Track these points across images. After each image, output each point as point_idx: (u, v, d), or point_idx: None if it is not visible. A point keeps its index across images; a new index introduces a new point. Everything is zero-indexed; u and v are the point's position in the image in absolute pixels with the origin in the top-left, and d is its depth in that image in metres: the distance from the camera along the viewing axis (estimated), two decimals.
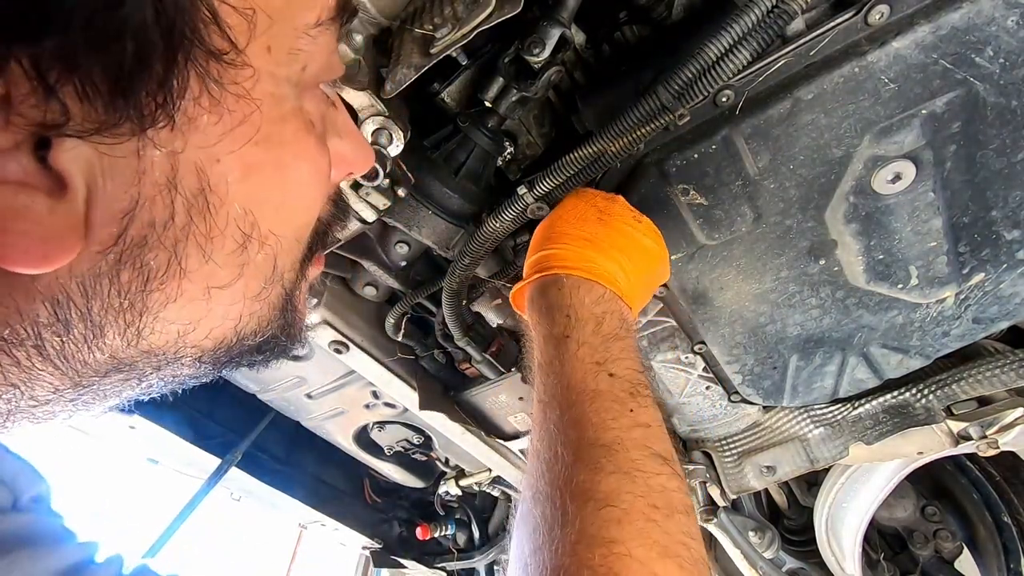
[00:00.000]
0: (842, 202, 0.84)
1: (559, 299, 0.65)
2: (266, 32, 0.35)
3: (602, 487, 0.51)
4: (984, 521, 1.57)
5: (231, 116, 0.34)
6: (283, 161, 0.38)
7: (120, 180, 0.31)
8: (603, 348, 0.61)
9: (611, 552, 0.47)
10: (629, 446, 0.54)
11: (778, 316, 1.01)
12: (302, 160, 0.40)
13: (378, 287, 1.15)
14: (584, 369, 0.59)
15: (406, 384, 1.29)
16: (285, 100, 0.38)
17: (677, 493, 0.54)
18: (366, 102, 0.73)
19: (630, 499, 0.50)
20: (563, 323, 0.63)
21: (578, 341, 0.61)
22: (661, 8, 0.84)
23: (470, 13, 0.70)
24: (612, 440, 0.54)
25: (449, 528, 2.14)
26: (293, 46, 0.38)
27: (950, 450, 1.16)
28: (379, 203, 0.80)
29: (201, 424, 1.74)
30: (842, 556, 1.46)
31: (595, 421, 0.55)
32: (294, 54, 0.38)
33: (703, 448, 1.36)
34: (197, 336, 0.40)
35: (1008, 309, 0.95)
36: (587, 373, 0.58)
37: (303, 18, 0.38)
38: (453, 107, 0.91)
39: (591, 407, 0.56)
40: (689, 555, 0.49)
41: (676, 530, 0.51)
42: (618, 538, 0.48)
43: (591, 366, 0.59)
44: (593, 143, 0.77)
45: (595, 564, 0.46)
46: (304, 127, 0.40)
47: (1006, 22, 0.67)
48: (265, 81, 0.36)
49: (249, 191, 0.37)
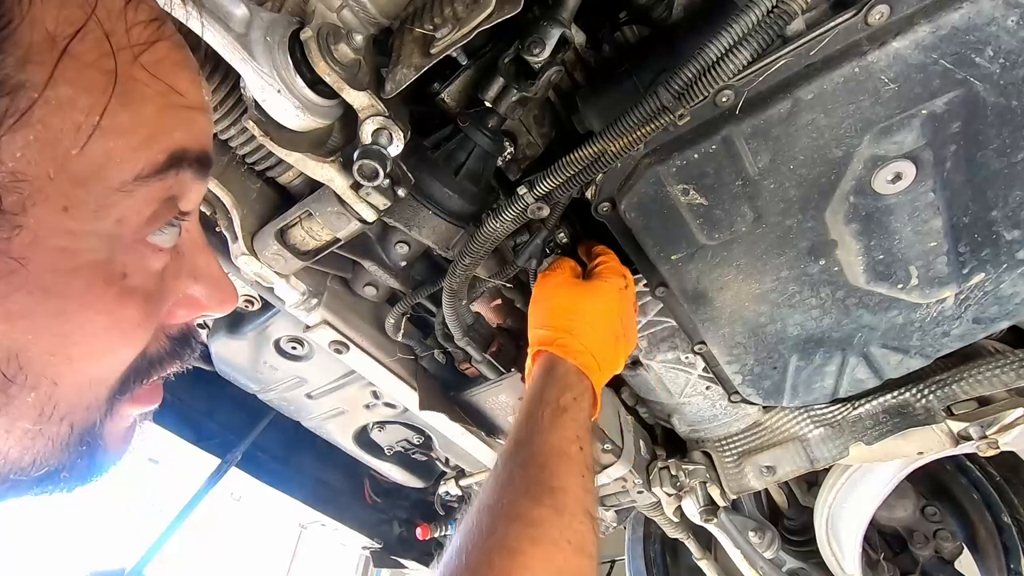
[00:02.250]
0: (842, 202, 0.84)
1: (571, 382, 0.84)
2: (61, 194, 0.37)
3: (533, 514, 0.66)
4: (984, 521, 1.57)
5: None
6: (65, 310, 0.39)
7: None
8: (583, 431, 0.80)
9: (514, 561, 0.61)
10: (570, 499, 0.70)
11: (778, 316, 1.01)
12: (92, 311, 0.41)
13: (378, 287, 1.15)
14: (567, 438, 0.77)
15: (406, 384, 1.29)
16: (81, 253, 0.39)
17: (590, 543, 0.68)
18: (366, 102, 0.72)
19: (550, 529, 0.65)
20: (567, 399, 0.81)
21: (572, 418, 0.79)
22: (661, 8, 0.84)
23: (470, 13, 0.70)
24: (560, 487, 0.70)
25: (449, 528, 2.14)
26: (101, 204, 0.39)
27: (950, 450, 1.16)
28: (379, 203, 0.80)
29: (201, 424, 1.74)
30: (842, 556, 1.46)
31: (555, 471, 0.72)
32: (102, 210, 0.39)
33: (703, 448, 1.36)
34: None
35: (1008, 309, 0.95)
36: (566, 441, 0.76)
37: (116, 176, 0.39)
38: (453, 107, 0.91)
39: (557, 462, 0.73)
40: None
41: (577, 564, 0.66)
42: (528, 552, 0.62)
43: (572, 438, 0.77)
44: (593, 143, 0.77)
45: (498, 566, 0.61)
46: (103, 279, 0.41)
47: (1006, 22, 0.67)
48: (54, 237, 0.37)
49: (16, 336, 0.38)
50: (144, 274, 0.45)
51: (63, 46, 0.37)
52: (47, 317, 0.39)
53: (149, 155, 0.41)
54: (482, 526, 0.66)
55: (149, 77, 0.42)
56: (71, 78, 0.38)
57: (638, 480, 1.28)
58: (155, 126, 0.43)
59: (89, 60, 0.39)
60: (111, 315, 0.42)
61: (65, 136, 0.38)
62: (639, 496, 1.34)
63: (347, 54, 0.68)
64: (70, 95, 0.38)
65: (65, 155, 0.38)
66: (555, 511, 0.68)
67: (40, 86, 0.36)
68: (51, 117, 0.37)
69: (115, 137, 0.40)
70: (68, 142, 0.38)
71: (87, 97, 0.39)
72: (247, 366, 1.40)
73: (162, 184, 0.43)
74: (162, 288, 0.47)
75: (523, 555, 0.62)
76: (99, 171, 0.39)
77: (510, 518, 0.67)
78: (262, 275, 0.94)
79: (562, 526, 0.67)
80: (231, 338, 1.32)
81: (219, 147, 0.87)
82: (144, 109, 0.42)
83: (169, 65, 0.44)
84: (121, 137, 0.40)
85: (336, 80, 0.68)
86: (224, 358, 1.39)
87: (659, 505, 1.39)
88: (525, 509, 0.67)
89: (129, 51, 0.41)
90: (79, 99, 0.38)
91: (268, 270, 0.92)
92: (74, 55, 0.38)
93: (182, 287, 0.49)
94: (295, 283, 1.03)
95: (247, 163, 0.89)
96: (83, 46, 0.38)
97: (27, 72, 0.36)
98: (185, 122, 0.45)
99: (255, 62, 0.64)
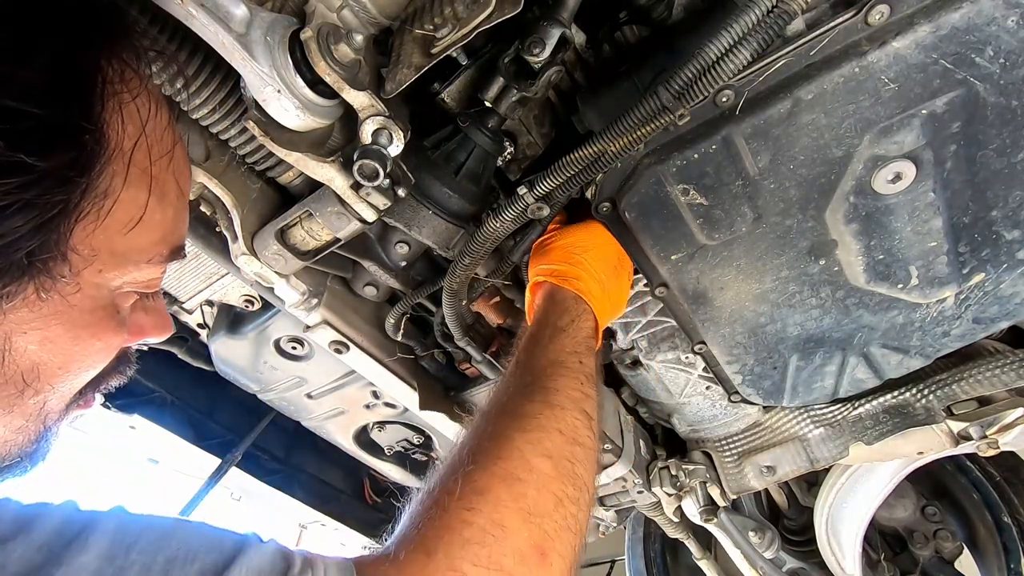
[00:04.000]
0: (842, 202, 0.84)
1: (569, 306, 0.87)
2: (102, 261, 0.51)
3: (524, 408, 0.71)
4: (984, 521, 1.57)
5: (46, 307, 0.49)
6: (80, 337, 0.53)
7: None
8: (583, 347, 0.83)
9: (504, 445, 0.67)
10: (563, 397, 0.73)
11: (778, 316, 1.01)
12: (96, 338, 0.54)
13: (378, 287, 1.15)
14: (564, 351, 0.80)
15: (406, 384, 1.29)
16: (100, 298, 0.53)
17: (585, 436, 0.72)
18: (366, 102, 0.72)
19: (540, 419, 0.70)
20: (564, 321, 0.84)
21: (570, 336, 0.83)
22: (661, 8, 0.84)
23: (470, 13, 0.70)
24: (553, 388, 0.74)
25: None
26: (121, 271, 0.54)
27: (950, 450, 1.16)
28: (379, 203, 0.80)
29: (201, 424, 1.74)
30: (842, 556, 1.46)
31: (550, 375, 0.76)
32: (119, 275, 0.54)
33: (703, 448, 1.36)
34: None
35: (1008, 309, 0.95)
36: (563, 353, 0.80)
37: (135, 258, 0.54)
38: (453, 107, 0.91)
39: (553, 369, 0.77)
40: (570, 469, 0.68)
41: (570, 451, 0.69)
42: (516, 437, 0.67)
43: (569, 351, 0.81)
44: (593, 143, 0.77)
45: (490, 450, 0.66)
46: (108, 315, 0.55)
47: (1006, 22, 0.67)
48: (88, 288, 0.51)
49: (43, 354, 0.51)
50: (125, 310, 0.58)
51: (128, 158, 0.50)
52: (68, 342, 0.52)
53: (161, 249, 0.57)
54: (478, 423, 0.73)
55: (175, 184, 0.57)
56: (134, 182, 0.51)
57: (638, 480, 1.28)
58: (170, 228, 0.57)
59: (144, 167, 0.52)
60: (106, 342, 0.56)
61: (121, 223, 0.51)
62: (639, 496, 1.34)
63: (347, 54, 0.68)
64: (133, 195, 0.51)
65: (114, 235, 0.51)
66: (546, 405, 0.72)
67: (119, 191, 0.50)
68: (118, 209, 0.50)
69: (148, 230, 0.54)
70: (120, 227, 0.51)
71: (143, 196, 0.52)
72: (247, 366, 1.40)
73: (160, 267, 0.58)
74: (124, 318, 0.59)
75: (511, 439, 0.67)
76: (129, 251, 0.53)
77: (503, 413, 0.72)
78: (262, 275, 0.94)
79: (553, 417, 0.71)
80: (231, 338, 1.32)
81: (219, 147, 0.88)
82: (168, 212, 0.56)
83: (182, 163, 0.59)
84: (151, 232, 0.54)
85: (336, 80, 0.68)
86: (224, 358, 1.39)
87: (659, 505, 1.39)
88: (517, 404, 0.73)
89: (167, 157, 0.55)
90: (138, 197, 0.52)
91: (268, 270, 0.92)
92: (135, 163, 0.51)
93: (136, 318, 0.61)
94: (295, 283, 1.03)
95: (247, 163, 0.89)
96: (140, 155, 0.52)
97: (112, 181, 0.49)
98: (183, 222, 0.61)
99: (255, 62, 0.64)
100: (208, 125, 0.81)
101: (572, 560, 0.64)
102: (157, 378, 1.64)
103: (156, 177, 0.53)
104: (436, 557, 0.56)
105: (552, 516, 0.63)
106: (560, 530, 0.63)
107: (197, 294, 1.29)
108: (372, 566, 0.56)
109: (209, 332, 1.38)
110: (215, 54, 0.64)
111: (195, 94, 0.77)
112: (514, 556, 0.59)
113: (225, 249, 0.93)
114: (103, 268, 0.51)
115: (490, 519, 0.60)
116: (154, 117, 0.53)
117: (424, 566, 0.56)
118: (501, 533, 0.59)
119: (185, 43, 0.73)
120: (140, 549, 0.46)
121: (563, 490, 0.66)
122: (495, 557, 0.58)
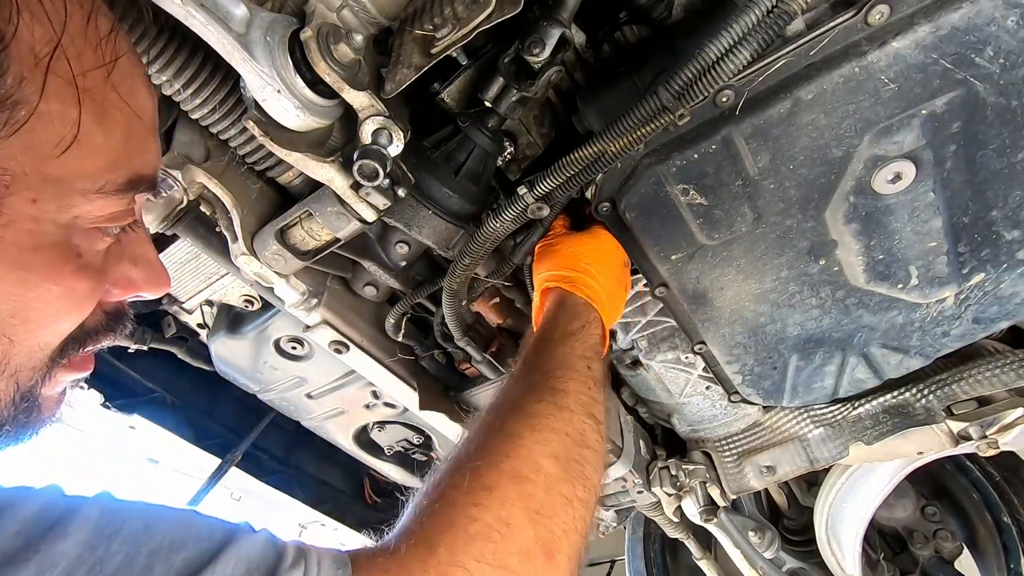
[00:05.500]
0: (842, 202, 0.84)
1: (579, 311, 0.87)
2: (34, 189, 0.45)
3: (534, 407, 0.70)
4: (984, 521, 1.57)
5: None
6: (29, 280, 0.46)
7: None
8: (592, 352, 0.83)
9: (512, 443, 0.65)
10: (572, 400, 0.73)
11: (778, 316, 1.01)
12: (51, 282, 0.48)
13: (378, 287, 1.15)
14: (574, 354, 0.80)
15: (406, 384, 1.29)
16: (44, 234, 0.47)
17: (593, 440, 0.72)
18: (366, 102, 0.72)
19: (550, 420, 0.69)
20: (575, 326, 0.84)
21: (579, 340, 0.82)
22: (661, 8, 0.84)
23: (470, 13, 0.70)
24: (562, 390, 0.74)
25: None
26: (63, 202, 0.47)
27: (950, 450, 1.16)
28: (379, 203, 0.80)
29: (201, 424, 1.74)
30: (842, 556, 1.46)
31: (560, 378, 0.75)
32: (64, 207, 0.47)
33: (703, 448, 1.36)
34: None
35: (1008, 309, 0.95)
36: (573, 357, 0.80)
37: (80, 184, 0.47)
38: (453, 107, 0.91)
39: (562, 372, 0.76)
40: (580, 471, 0.67)
41: (578, 452, 0.69)
42: (526, 435, 0.66)
43: (579, 355, 0.80)
44: (593, 143, 0.77)
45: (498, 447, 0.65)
46: (62, 256, 0.48)
47: (1006, 22, 0.67)
48: (22, 221, 0.45)
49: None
50: (93, 253, 0.52)
51: (45, 65, 0.44)
52: (14, 285, 0.46)
53: (112, 176, 0.49)
54: (486, 419, 0.71)
55: (119, 100, 0.50)
56: (57, 93, 0.45)
57: (638, 480, 1.28)
58: (120, 152, 0.50)
59: (68, 78, 0.45)
60: (66, 286, 0.49)
61: (48, 143, 0.45)
62: (639, 496, 1.34)
63: (347, 54, 0.68)
64: (58, 109, 0.45)
65: (44, 158, 0.45)
66: (556, 407, 0.71)
67: (34, 101, 0.43)
68: (40, 126, 0.44)
69: (88, 153, 0.47)
70: (48, 149, 0.45)
71: (72, 112, 0.46)
72: (247, 366, 1.40)
73: (118, 200, 0.51)
74: (104, 267, 0.53)
75: (521, 438, 0.66)
76: (67, 176, 0.47)
77: (512, 411, 0.71)
78: (262, 275, 0.94)
79: (563, 419, 0.70)
80: (231, 338, 1.32)
81: (219, 147, 0.88)
82: (114, 133, 0.49)
83: (132, 82, 0.52)
84: (92, 155, 0.48)
85: (336, 80, 0.68)
86: (224, 358, 1.39)
87: (659, 505, 1.39)
88: (527, 403, 0.72)
89: (102, 70, 0.48)
90: (66, 113, 0.45)
91: (268, 270, 0.92)
92: (56, 72, 0.45)
93: (122, 269, 0.56)
94: (295, 283, 1.03)
95: (247, 163, 0.89)
96: (61, 64, 0.45)
97: (23, 88, 0.43)
98: (143, 150, 0.53)
99: (255, 62, 0.64)
100: (208, 125, 0.81)
101: (578, 562, 0.63)
102: (157, 378, 1.64)
103: (88, 91, 0.47)
104: (438, 551, 0.55)
105: (560, 517, 0.63)
106: (568, 532, 0.63)
107: (197, 294, 1.29)
108: (370, 559, 0.54)
109: (209, 332, 1.38)
110: (215, 54, 0.64)
111: (195, 94, 0.77)
112: (520, 555, 0.58)
113: (225, 249, 0.93)
114: (37, 197, 0.45)
115: (497, 516, 0.59)
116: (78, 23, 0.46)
117: (425, 560, 0.54)
118: (507, 531, 0.58)
119: (185, 43, 0.73)
120: (123, 538, 0.44)
121: (572, 491, 0.65)
122: (500, 555, 0.56)
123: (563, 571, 0.60)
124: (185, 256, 1.18)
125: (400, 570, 0.54)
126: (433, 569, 0.54)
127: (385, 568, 0.54)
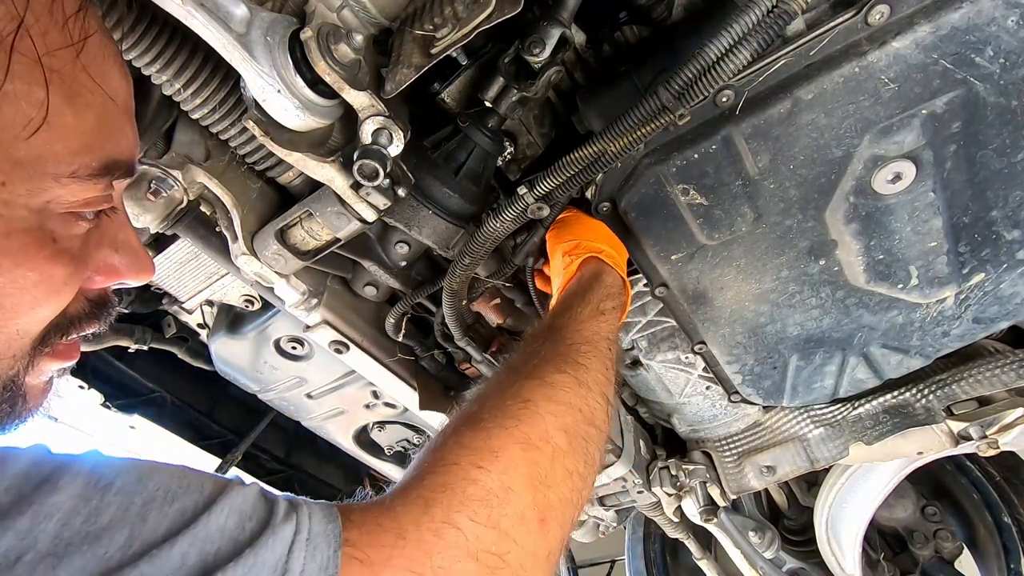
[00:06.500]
0: (842, 202, 0.84)
1: (614, 292, 0.87)
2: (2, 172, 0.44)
3: (553, 377, 0.70)
4: (984, 521, 1.57)
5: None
6: (1, 266, 0.46)
7: None
8: (614, 336, 0.83)
9: (527, 408, 0.65)
10: (591, 377, 0.73)
11: (778, 316, 1.01)
12: (24, 268, 0.47)
13: (378, 287, 1.15)
14: (599, 334, 0.80)
15: (406, 384, 1.29)
16: (15, 219, 0.46)
17: (602, 420, 0.72)
18: (366, 102, 0.72)
19: (567, 393, 0.69)
20: (607, 305, 0.84)
21: (607, 321, 0.82)
22: (661, 8, 0.84)
23: (470, 13, 0.70)
24: (584, 365, 0.74)
25: None
26: (34, 186, 0.46)
27: (950, 450, 1.16)
28: (379, 203, 0.80)
29: (201, 424, 1.75)
30: (842, 556, 1.46)
31: (583, 352, 0.75)
32: (34, 191, 0.46)
33: (703, 448, 1.36)
34: None
35: (1008, 309, 0.95)
36: (598, 336, 0.79)
37: (52, 168, 0.46)
38: (453, 107, 0.91)
39: (587, 348, 0.76)
40: (584, 447, 0.68)
41: (586, 430, 0.69)
42: (541, 404, 0.66)
43: (603, 336, 0.80)
44: (593, 143, 0.77)
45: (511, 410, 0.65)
46: (36, 241, 0.47)
47: (1006, 22, 0.67)
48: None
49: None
50: (70, 239, 0.51)
51: (9, 44, 0.43)
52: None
53: (85, 160, 0.48)
54: (502, 381, 0.71)
55: (90, 81, 0.49)
56: (22, 73, 0.43)
57: (638, 480, 1.28)
58: (93, 135, 0.49)
59: (34, 57, 0.44)
60: (41, 273, 0.48)
61: (15, 125, 0.44)
62: (639, 496, 1.34)
63: (347, 54, 0.68)
64: (24, 90, 0.44)
65: (12, 140, 0.44)
66: (576, 381, 0.71)
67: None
68: (6, 107, 0.43)
69: (58, 135, 0.46)
70: (17, 130, 0.44)
71: (40, 92, 0.44)
72: (247, 366, 1.40)
73: (93, 185, 0.49)
74: (85, 253, 0.53)
75: (536, 405, 0.66)
76: (38, 160, 0.45)
77: (531, 377, 0.70)
78: (262, 275, 0.94)
79: (579, 395, 0.70)
80: (231, 338, 1.32)
81: (219, 147, 0.88)
82: (86, 115, 0.48)
83: (103, 63, 0.50)
84: (63, 138, 0.47)
85: (336, 80, 0.68)
86: (224, 358, 1.39)
87: (659, 505, 1.39)
88: (547, 372, 0.71)
89: (71, 49, 0.47)
90: (33, 93, 0.44)
91: (268, 270, 0.92)
92: (22, 51, 0.43)
93: (103, 256, 0.55)
94: (295, 283, 1.03)
95: (247, 163, 0.89)
96: (25, 43, 0.44)
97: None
98: (117, 134, 0.52)
99: (255, 62, 0.64)
100: (208, 125, 0.81)
101: (569, 531, 0.64)
102: (157, 378, 1.64)
103: (57, 71, 0.46)
104: (433, 510, 0.55)
105: (559, 488, 0.63)
106: (564, 502, 0.63)
107: (197, 294, 1.29)
108: (364, 512, 0.54)
109: (209, 332, 1.38)
110: (215, 54, 0.64)
111: (195, 94, 0.77)
112: (514, 518, 0.58)
113: (225, 249, 0.93)
114: (6, 180, 0.44)
115: (499, 481, 0.58)
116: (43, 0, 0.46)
117: (419, 516, 0.54)
118: (507, 496, 0.58)
119: (185, 43, 0.73)
120: (117, 489, 0.44)
121: (574, 465, 0.66)
122: (495, 517, 0.56)
123: (554, 537, 0.61)
124: (185, 256, 1.18)
125: (393, 525, 0.53)
126: (426, 525, 0.53)
127: (378, 522, 0.53)
